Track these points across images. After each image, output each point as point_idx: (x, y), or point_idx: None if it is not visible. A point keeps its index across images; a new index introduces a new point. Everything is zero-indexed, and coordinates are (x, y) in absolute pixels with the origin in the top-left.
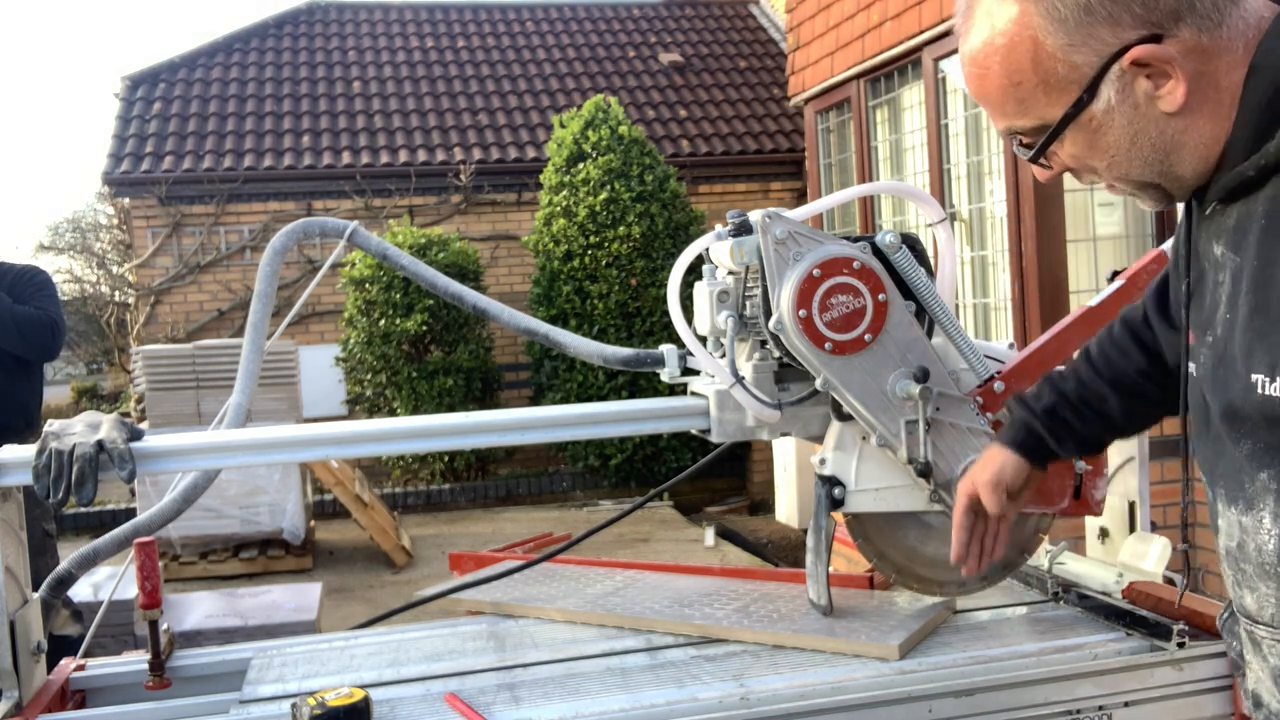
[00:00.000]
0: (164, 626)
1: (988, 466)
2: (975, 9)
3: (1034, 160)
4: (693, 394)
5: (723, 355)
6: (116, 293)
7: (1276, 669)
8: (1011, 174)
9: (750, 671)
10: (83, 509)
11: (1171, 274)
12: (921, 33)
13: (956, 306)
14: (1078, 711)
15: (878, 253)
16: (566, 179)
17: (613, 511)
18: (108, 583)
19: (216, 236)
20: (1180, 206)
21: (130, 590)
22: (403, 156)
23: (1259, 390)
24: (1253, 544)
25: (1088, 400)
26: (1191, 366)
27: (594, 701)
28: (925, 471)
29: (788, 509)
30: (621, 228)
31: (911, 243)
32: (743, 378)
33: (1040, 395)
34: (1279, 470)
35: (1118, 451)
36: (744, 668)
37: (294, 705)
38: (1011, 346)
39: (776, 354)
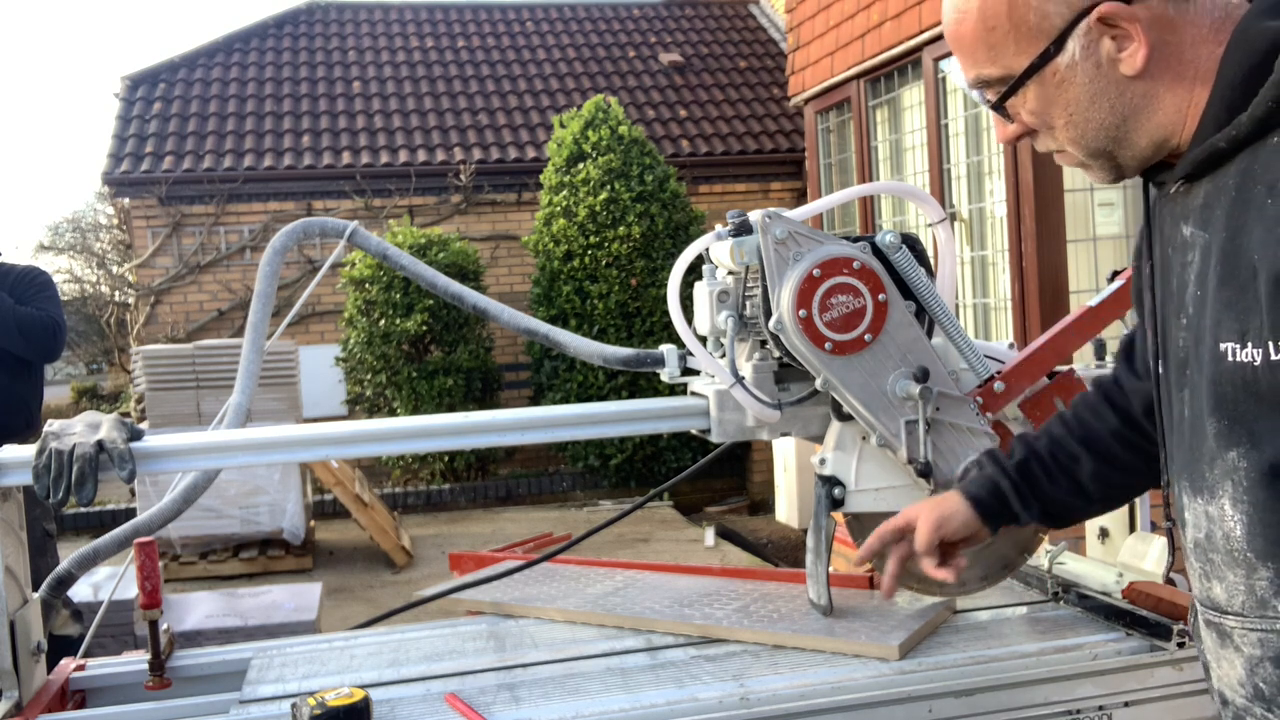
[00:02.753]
0: (164, 626)
1: (939, 507)
2: None
3: (996, 108)
4: (693, 394)
5: (723, 355)
6: (116, 293)
7: (1252, 658)
8: (1011, 174)
9: (750, 671)
10: (83, 509)
11: (1134, 265)
12: (921, 33)
13: (956, 306)
14: (1078, 711)
15: (878, 253)
16: (566, 179)
17: (613, 511)
18: (108, 583)
19: (216, 236)
20: (1139, 195)
21: (130, 590)
22: (403, 156)
23: (1229, 358)
24: (1220, 532)
25: (1059, 459)
26: (1160, 364)
27: (594, 701)
28: (925, 472)
29: (788, 509)
30: (621, 228)
31: (911, 243)
32: (743, 378)
33: (1013, 453)
34: (1246, 448)
35: None
36: (744, 668)
37: (294, 705)
38: (1011, 346)
39: (776, 354)
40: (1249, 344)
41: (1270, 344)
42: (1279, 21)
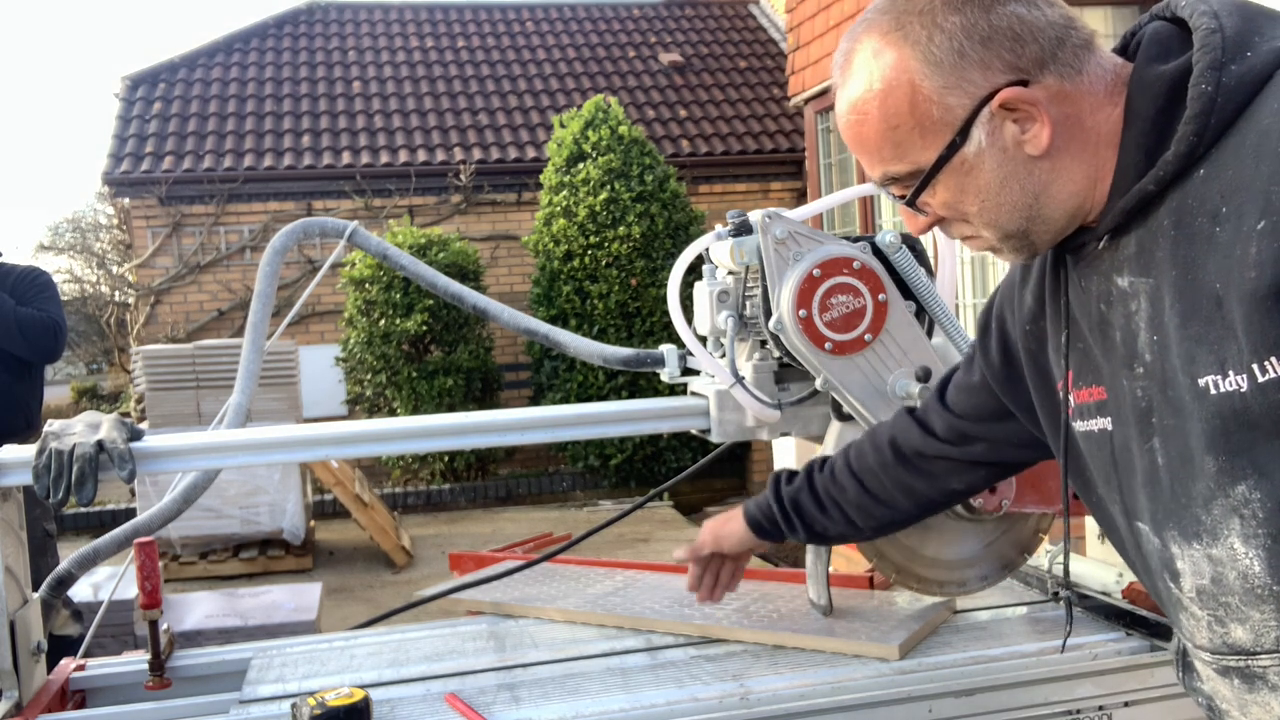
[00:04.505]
0: (164, 626)
1: (723, 522)
2: (853, 58)
3: (909, 204)
4: (693, 394)
5: (723, 355)
6: (116, 293)
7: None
8: None
9: (750, 671)
10: (83, 509)
11: (1024, 338)
12: None
13: (956, 306)
14: (1078, 711)
15: (878, 253)
16: (566, 179)
17: (613, 511)
18: (108, 583)
19: (216, 236)
20: (1037, 269)
21: (130, 590)
22: (403, 156)
23: (1213, 392)
24: (1233, 573)
25: (830, 492)
26: (1097, 423)
27: (594, 701)
28: None
29: None
30: (621, 228)
31: (911, 243)
32: (743, 378)
33: (794, 478)
34: (1256, 480)
35: None
36: (744, 668)
37: (294, 705)
38: None
39: (776, 354)
40: (1229, 372)
41: (1254, 367)
42: (1170, 64)
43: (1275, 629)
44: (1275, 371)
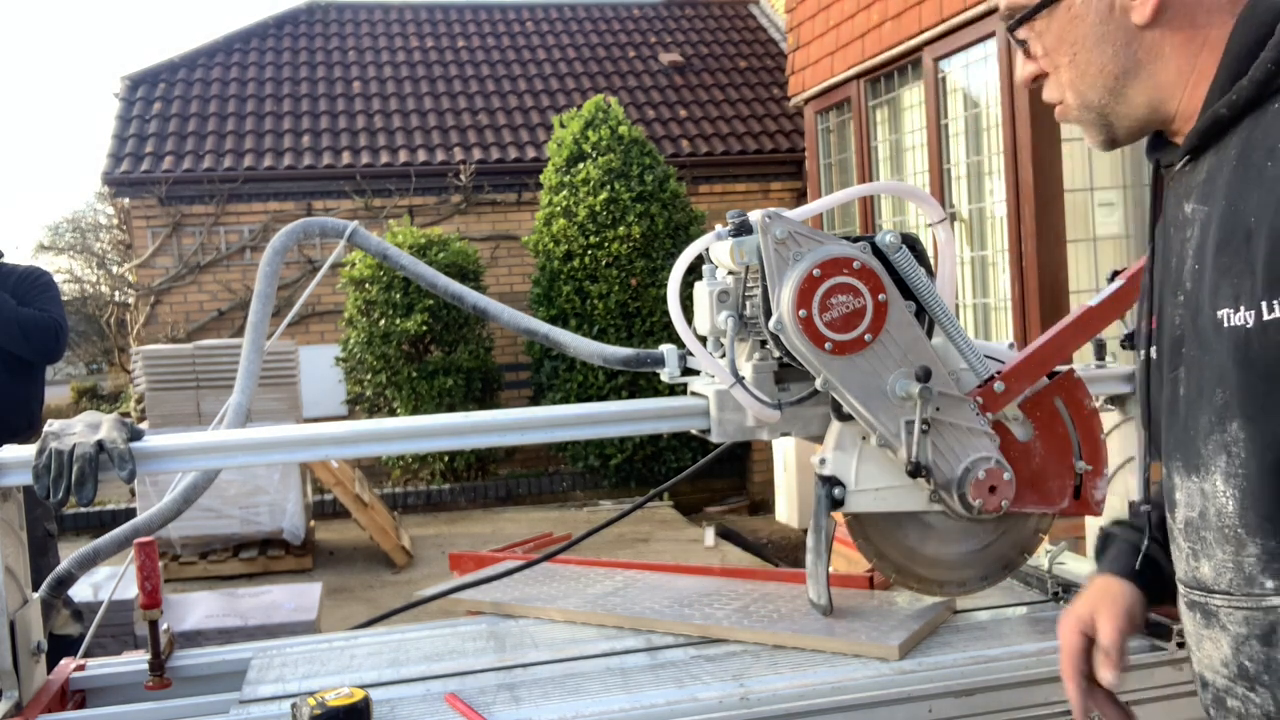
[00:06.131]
0: (164, 626)
1: (1118, 601)
2: None
3: (1011, 31)
4: (693, 394)
5: (723, 355)
6: (116, 293)
7: (1238, 636)
8: (1011, 174)
9: (750, 671)
10: (83, 509)
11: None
12: (921, 33)
13: (956, 306)
14: None
15: (878, 253)
16: (566, 179)
17: (613, 511)
18: (108, 583)
19: (216, 236)
20: (1139, 195)
21: (130, 590)
22: (403, 156)
23: (1225, 325)
24: (1213, 509)
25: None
26: (1151, 351)
27: (594, 701)
28: (915, 471)
29: (788, 509)
30: (621, 228)
31: (911, 243)
32: (743, 378)
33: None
34: (1244, 420)
35: (1118, 451)
36: (744, 668)
37: (294, 705)
38: (1011, 346)
39: (776, 354)
40: (1242, 307)
41: (1263, 304)
42: None
43: (1230, 571)
44: (1278, 312)
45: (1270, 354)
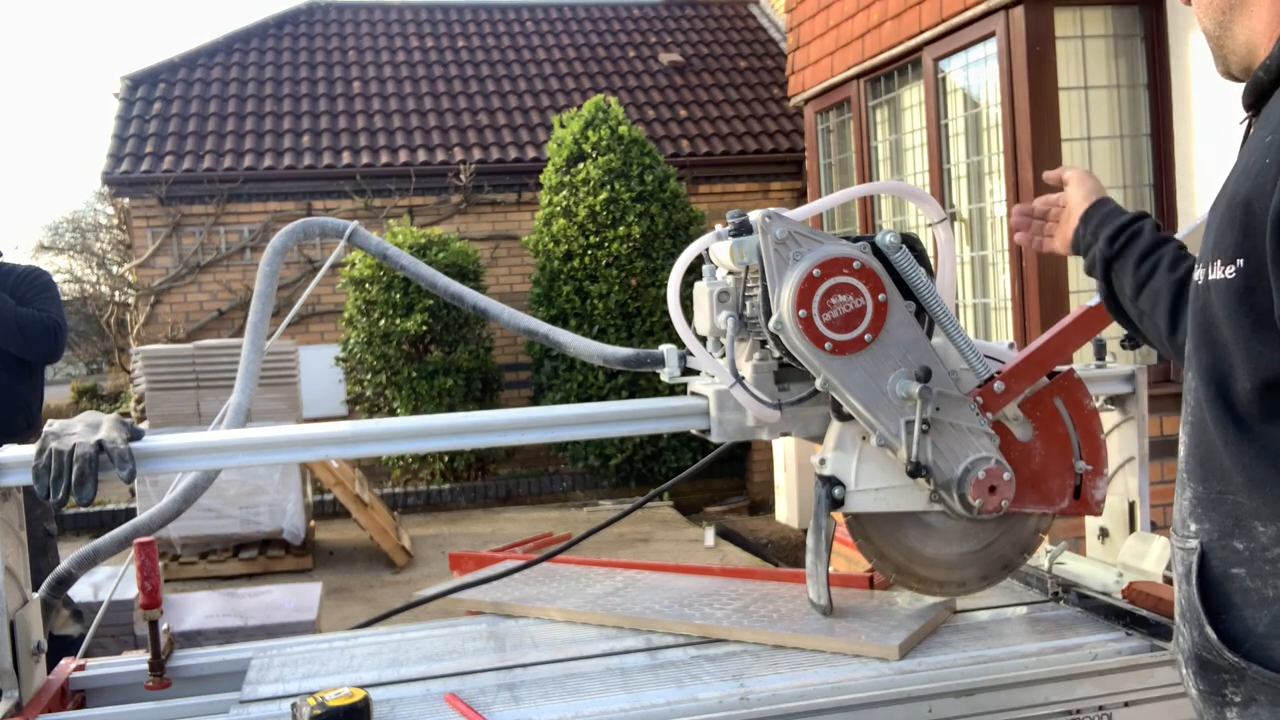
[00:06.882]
0: (164, 626)
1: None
2: None
3: None
4: (693, 394)
5: (723, 355)
6: (116, 293)
7: (1178, 575)
8: (1011, 174)
9: (750, 671)
10: (83, 509)
11: None
12: (921, 33)
13: (956, 306)
14: (1078, 711)
15: (878, 253)
16: (566, 179)
17: (613, 511)
18: (108, 583)
19: (216, 236)
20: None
21: (130, 590)
22: (403, 156)
23: (1199, 283)
24: (1180, 454)
25: (1152, 262)
26: (1198, 272)
27: (594, 701)
28: (915, 471)
29: (788, 509)
30: (621, 228)
31: (911, 243)
32: (743, 378)
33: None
34: (1193, 371)
35: (1117, 451)
36: (744, 668)
37: (294, 705)
38: (1011, 346)
39: (776, 354)
40: (1199, 264)
41: (1207, 266)
42: None
43: (1180, 514)
44: (1215, 274)
45: (1207, 312)
